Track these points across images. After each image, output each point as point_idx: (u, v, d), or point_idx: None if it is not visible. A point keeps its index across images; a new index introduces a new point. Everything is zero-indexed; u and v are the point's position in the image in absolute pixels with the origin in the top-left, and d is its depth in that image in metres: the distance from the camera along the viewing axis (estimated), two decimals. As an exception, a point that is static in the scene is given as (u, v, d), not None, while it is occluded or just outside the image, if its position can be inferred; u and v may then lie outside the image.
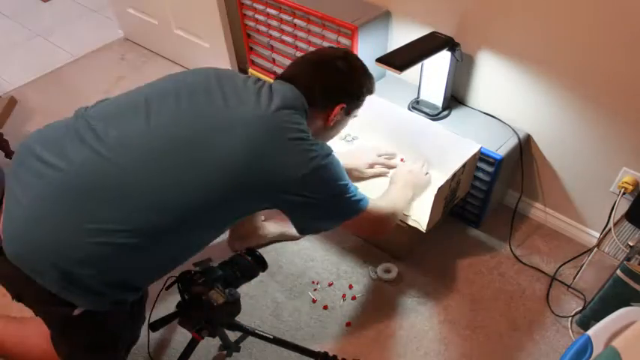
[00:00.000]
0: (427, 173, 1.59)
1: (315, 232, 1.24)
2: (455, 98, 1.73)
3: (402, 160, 1.70)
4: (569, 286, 1.60)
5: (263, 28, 1.92)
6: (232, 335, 1.35)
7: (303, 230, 1.23)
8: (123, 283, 1.04)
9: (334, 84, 1.21)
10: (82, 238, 0.97)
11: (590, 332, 1.06)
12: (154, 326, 1.21)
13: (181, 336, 1.49)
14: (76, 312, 1.03)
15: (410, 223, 1.51)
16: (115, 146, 1.01)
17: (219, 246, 1.75)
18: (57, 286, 0.98)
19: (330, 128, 1.28)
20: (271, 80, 1.19)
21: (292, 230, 1.74)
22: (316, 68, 1.20)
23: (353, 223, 1.20)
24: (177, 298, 1.15)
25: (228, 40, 2.28)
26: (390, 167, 1.62)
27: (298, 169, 1.06)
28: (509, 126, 1.62)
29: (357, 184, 1.28)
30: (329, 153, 1.13)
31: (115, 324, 1.14)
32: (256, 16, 1.91)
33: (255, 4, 1.87)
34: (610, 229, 1.40)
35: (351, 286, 1.62)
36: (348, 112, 1.27)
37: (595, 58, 1.35)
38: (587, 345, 1.04)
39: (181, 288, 1.14)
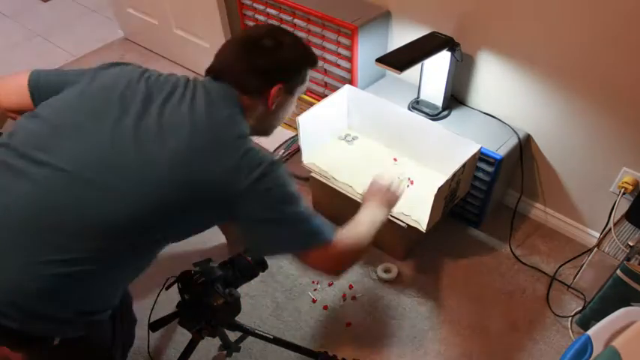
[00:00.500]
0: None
1: (263, 255, 1.10)
2: (455, 98, 1.73)
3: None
4: (569, 286, 1.60)
5: (263, 28, 1.92)
6: (232, 335, 1.35)
7: (252, 252, 1.11)
8: (90, 310, 1.00)
9: (263, 66, 1.09)
10: (37, 272, 0.91)
11: (590, 332, 1.06)
12: (154, 326, 1.21)
13: (181, 336, 1.49)
14: (56, 341, 0.97)
15: (410, 223, 1.51)
16: (51, 172, 0.94)
17: (219, 246, 1.75)
18: (25, 324, 0.92)
19: (275, 112, 1.16)
20: (201, 78, 1.10)
21: None
22: (241, 54, 1.09)
23: (310, 256, 1.04)
24: (177, 298, 1.15)
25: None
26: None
27: (237, 175, 0.95)
28: (509, 126, 1.62)
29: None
30: (274, 161, 1.01)
31: (101, 338, 1.09)
32: (256, 16, 1.91)
33: (255, 4, 1.88)
34: (610, 229, 1.40)
35: (351, 286, 1.62)
36: (291, 91, 1.16)
37: (595, 58, 1.35)
38: (587, 345, 1.04)
39: (181, 288, 1.14)
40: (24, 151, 0.97)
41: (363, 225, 1.20)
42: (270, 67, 1.10)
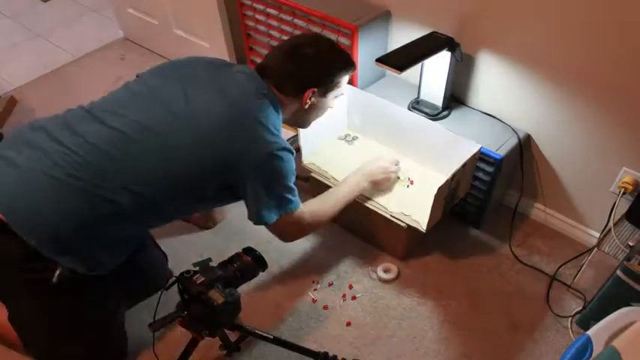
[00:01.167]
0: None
1: (258, 221, 1.30)
2: (455, 98, 1.73)
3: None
4: (569, 286, 1.60)
5: (263, 28, 1.92)
6: (232, 335, 1.35)
7: (251, 214, 1.30)
8: (106, 244, 1.22)
9: (299, 71, 1.29)
10: (80, 198, 1.14)
11: (590, 332, 1.06)
12: (154, 326, 1.21)
13: (181, 336, 1.49)
14: (56, 276, 1.17)
15: (410, 223, 1.51)
16: (121, 125, 1.20)
17: (217, 246, 1.75)
18: (43, 246, 1.14)
19: (308, 111, 1.37)
20: (251, 70, 1.31)
21: None
22: (284, 58, 1.29)
23: (282, 223, 1.32)
24: (177, 298, 1.15)
25: (228, 40, 2.28)
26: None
27: (256, 150, 1.21)
28: (509, 126, 1.62)
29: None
30: (286, 148, 1.25)
31: (95, 292, 1.27)
32: (256, 16, 1.91)
33: (255, 4, 1.88)
34: (610, 229, 1.40)
35: (351, 286, 1.62)
36: (324, 94, 1.35)
37: (595, 58, 1.35)
38: (587, 345, 1.04)
39: (181, 288, 1.14)
40: (97, 112, 1.24)
41: (332, 205, 1.46)
42: (305, 74, 1.30)
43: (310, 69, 1.30)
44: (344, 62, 1.34)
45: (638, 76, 1.31)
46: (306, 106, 1.34)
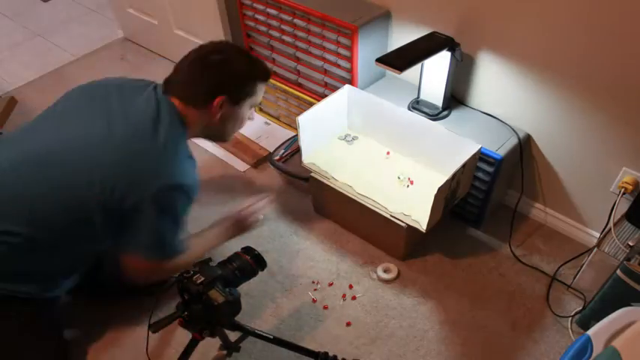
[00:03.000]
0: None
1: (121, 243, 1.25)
2: (455, 98, 1.73)
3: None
4: (569, 286, 1.60)
5: (263, 28, 1.92)
6: (232, 335, 1.35)
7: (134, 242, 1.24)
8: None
9: (205, 79, 1.21)
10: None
11: (590, 332, 1.06)
12: (154, 327, 1.21)
13: (181, 336, 1.49)
14: None
15: (410, 223, 1.51)
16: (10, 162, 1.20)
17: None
18: None
19: (222, 122, 1.28)
20: (158, 87, 1.27)
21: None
22: (189, 68, 1.23)
23: (132, 260, 1.25)
24: (177, 298, 1.15)
25: (229, 40, 2.28)
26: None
27: (145, 183, 1.15)
28: (509, 126, 1.62)
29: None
30: (177, 185, 1.18)
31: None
32: (256, 16, 1.91)
33: (255, 4, 1.88)
34: (610, 229, 1.40)
35: (351, 286, 1.62)
36: (236, 103, 1.26)
37: (595, 59, 1.35)
38: (587, 345, 1.04)
39: (181, 288, 1.14)
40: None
41: (198, 250, 1.37)
42: (210, 81, 1.21)
43: (217, 76, 1.21)
44: (255, 68, 1.27)
45: (639, 77, 1.31)
46: (218, 117, 1.25)
